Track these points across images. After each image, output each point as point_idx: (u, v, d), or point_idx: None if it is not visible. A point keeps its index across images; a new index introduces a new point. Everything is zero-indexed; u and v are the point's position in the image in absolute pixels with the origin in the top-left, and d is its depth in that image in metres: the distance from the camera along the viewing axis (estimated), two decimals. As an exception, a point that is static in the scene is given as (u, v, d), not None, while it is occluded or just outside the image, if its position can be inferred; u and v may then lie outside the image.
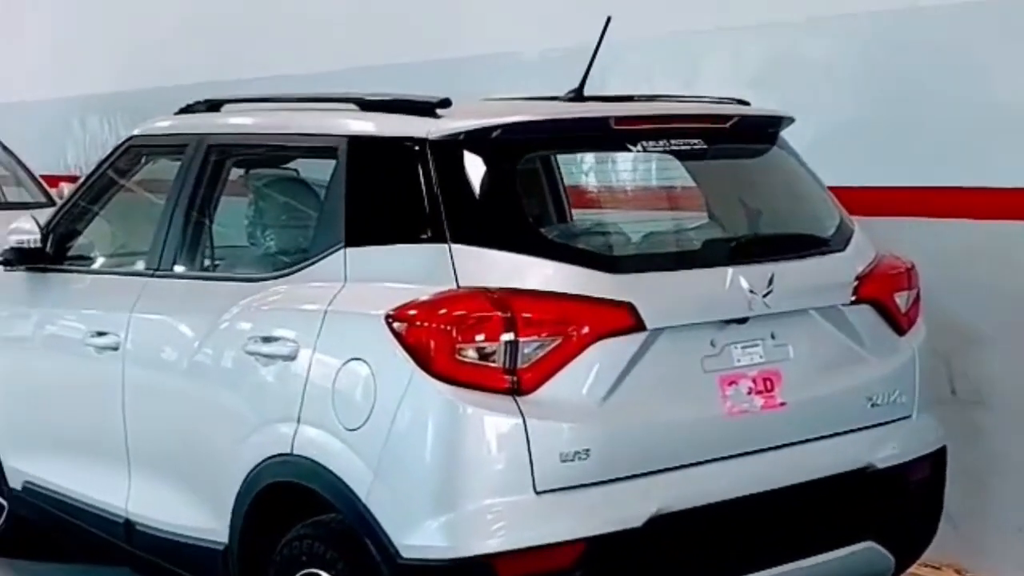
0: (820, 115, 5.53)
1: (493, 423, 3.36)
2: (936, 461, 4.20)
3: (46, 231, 5.02)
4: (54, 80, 10.77)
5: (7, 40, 11.38)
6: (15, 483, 5.21)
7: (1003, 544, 5.21)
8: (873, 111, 5.43)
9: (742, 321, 3.72)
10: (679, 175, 4.85)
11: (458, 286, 3.47)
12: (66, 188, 7.97)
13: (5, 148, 9.18)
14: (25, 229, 5.01)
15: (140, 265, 4.63)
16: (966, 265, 5.11)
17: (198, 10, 9.22)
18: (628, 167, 5.95)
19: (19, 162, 9.11)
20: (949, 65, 5.13)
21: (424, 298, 3.45)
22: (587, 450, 3.41)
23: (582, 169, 6.20)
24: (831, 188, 4.44)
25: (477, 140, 3.65)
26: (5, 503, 5.43)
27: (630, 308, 3.50)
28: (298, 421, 3.68)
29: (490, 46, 7.20)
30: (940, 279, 4.98)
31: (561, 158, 5.32)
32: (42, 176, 9.22)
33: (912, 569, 5.11)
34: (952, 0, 5.07)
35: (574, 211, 5.42)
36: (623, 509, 3.45)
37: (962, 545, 5.24)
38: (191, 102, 4.80)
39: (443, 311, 3.42)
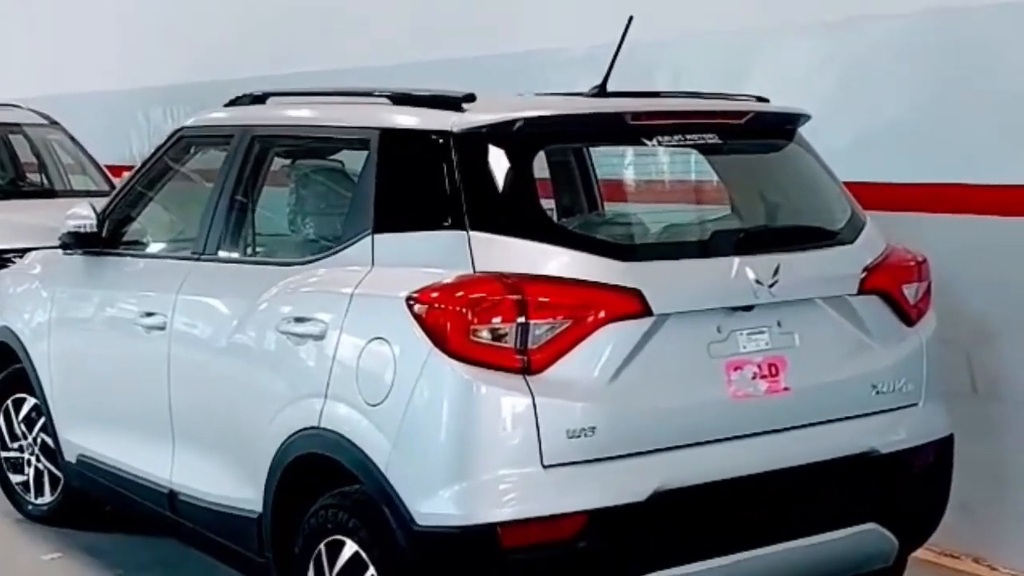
0: (853, 114, 5.67)
1: (504, 400, 3.56)
2: (942, 449, 4.31)
3: (101, 216, 5.30)
4: (121, 72, 11.10)
5: (78, 33, 11.75)
6: (70, 456, 5.51)
7: (1022, 534, 5.32)
8: (903, 110, 5.55)
9: (748, 309, 3.88)
10: (708, 169, 5.02)
11: (474, 271, 3.67)
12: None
13: (72, 138, 9.53)
14: (82, 215, 5.29)
15: (186, 250, 4.89)
16: (988, 261, 5.23)
17: (257, 6, 9.49)
18: (663, 161, 6.12)
19: (84, 151, 9.45)
20: (976, 66, 5.25)
21: (442, 281, 3.67)
22: (593, 427, 3.60)
23: (623, 163, 6.38)
24: (866, 184, 4.53)
25: (497, 133, 3.85)
26: (60, 475, 5.73)
27: (637, 294, 3.68)
28: (325, 397, 3.91)
29: (539, 42, 7.35)
30: (963, 275, 5.12)
31: (601, 151, 5.51)
32: (107, 166, 9.55)
33: (932, 559, 5.30)
34: (980, 3, 5.18)
35: (610, 203, 5.60)
36: (626, 484, 3.63)
37: (981, 535, 5.37)
38: (238, 95, 5.05)
39: (459, 294, 3.62)
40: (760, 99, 4.55)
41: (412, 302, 3.67)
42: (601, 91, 4.40)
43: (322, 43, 8.88)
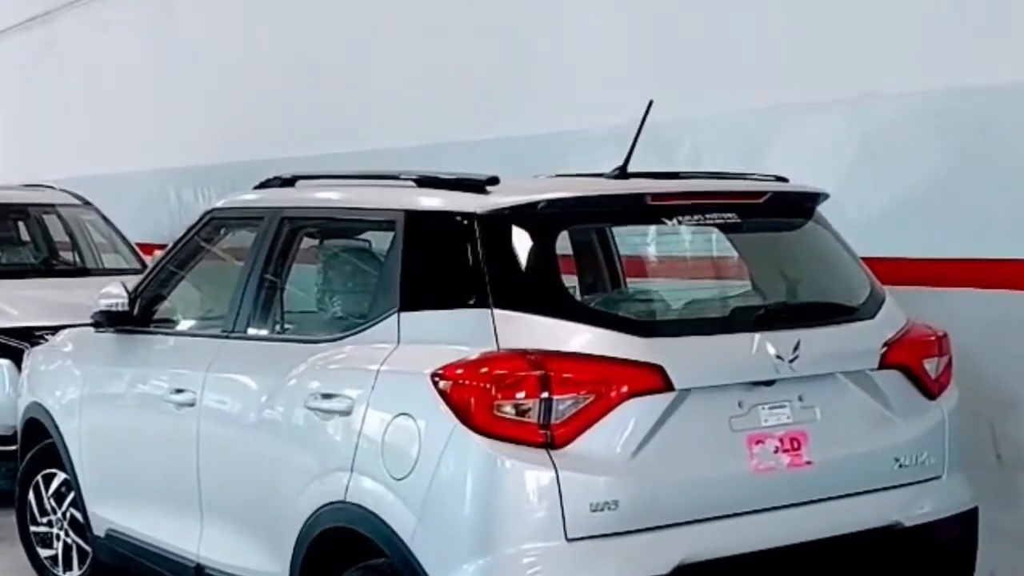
0: (873, 190, 5.75)
1: (528, 474, 3.62)
2: (966, 521, 4.33)
3: (133, 295, 5.41)
4: (152, 153, 11.32)
5: (110, 115, 12.00)
6: (99, 530, 5.57)
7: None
8: (922, 186, 5.62)
9: (769, 384, 3.94)
10: (728, 247, 5.10)
11: (498, 348, 3.75)
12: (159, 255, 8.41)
13: (104, 218, 9.69)
14: (114, 294, 5.40)
15: (216, 328, 4.98)
16: (1009, 334, 5.27)
17: (284, 90, 9.69)
18: (684, 238, 6.20)
19: (116, 231, 9.61)
20: (993, 142, 5.33)
21: (467, 358, 3.74)
22: (616, 501, 3.65)
23: (645, 240, 6.45)
24: (887, 259, 4.59)
25: (520, 215, 3.95)
26: (89, 549, 5.78)
27: (659, 370, 3.75)
28: (351, 471, 3.98)
29: (562, 124, 7.48)
30: (985, 347, 5.16)
31: (623, 229, 5.60)
32: (138, 244, 9.71)
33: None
34: (994, 82, 5.27)
35: (632, 279, 5.67)
36: (650, 557, 3.67)
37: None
38: (267, 178, 5.17)
39: (484, 370, 3.70)
40: (779, 178, 4.63)
41: (437, 378, 3.74)
42: (622, 172, 4.49)
43: (348, 125, 9.05)
